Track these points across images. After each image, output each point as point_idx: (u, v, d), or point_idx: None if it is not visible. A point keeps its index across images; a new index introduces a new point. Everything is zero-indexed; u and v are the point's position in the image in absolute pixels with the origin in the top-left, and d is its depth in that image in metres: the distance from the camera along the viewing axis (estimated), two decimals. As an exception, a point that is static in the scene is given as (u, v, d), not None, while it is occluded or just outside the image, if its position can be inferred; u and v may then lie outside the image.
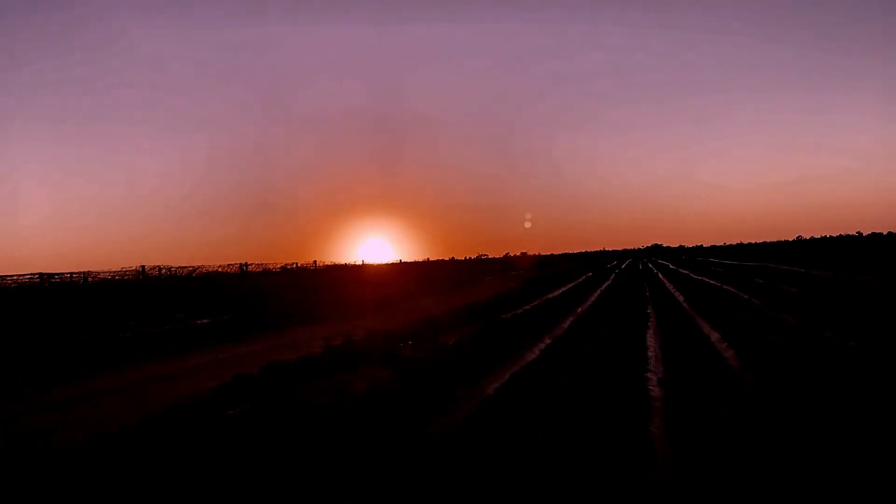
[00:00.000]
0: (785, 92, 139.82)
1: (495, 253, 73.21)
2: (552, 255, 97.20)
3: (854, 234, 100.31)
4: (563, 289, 20.47)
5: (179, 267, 18.52)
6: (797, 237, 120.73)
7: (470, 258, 66.04)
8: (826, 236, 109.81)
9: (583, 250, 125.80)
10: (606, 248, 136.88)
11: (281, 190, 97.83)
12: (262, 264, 18.85)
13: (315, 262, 22.15)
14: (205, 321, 13.06)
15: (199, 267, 16.56)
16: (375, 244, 62.21)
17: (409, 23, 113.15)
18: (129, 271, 15.19)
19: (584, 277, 28.88)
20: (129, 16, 79.50)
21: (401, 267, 26.51)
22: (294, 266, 21.12)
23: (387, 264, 25.80)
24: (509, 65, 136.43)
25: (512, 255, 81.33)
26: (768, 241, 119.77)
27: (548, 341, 8.43)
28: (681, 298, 14.62)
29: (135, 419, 4.76)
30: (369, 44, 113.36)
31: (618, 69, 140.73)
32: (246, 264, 18.06)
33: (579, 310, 12.71)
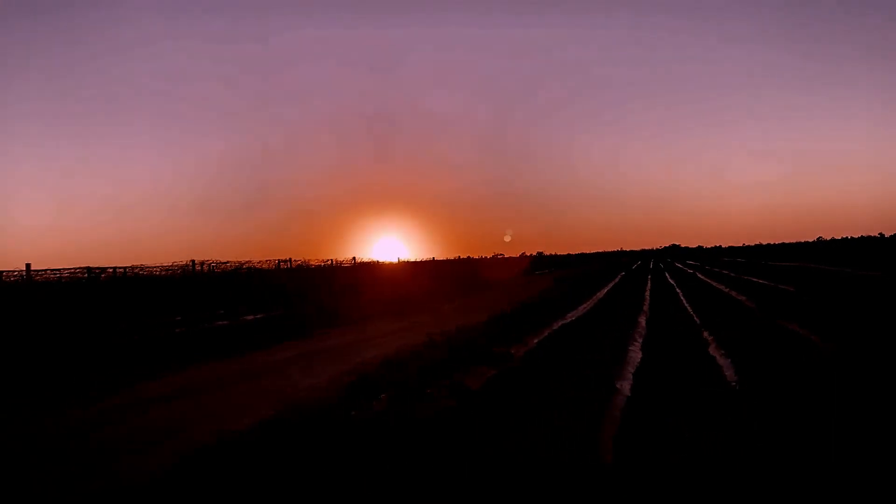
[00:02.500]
0: (800, 95, 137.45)
1: (511, 252, 72.65)
2: (569, 254, 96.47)
3: (876, 235, 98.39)
4: (606, 289, 20.02)
5: (219, 262, 18.36)
6: (818, 238, 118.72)
7: (486, 257, 65.63)
8: (847, 237, 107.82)
9: (600, 250, 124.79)
10: (624, 249, 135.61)
11: (291, 188, 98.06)
12: (304, 261, 18.65)
13: (354, 258, 21.96)
14: (259, 316, 12.84)
15: (246, 262, 16.38)
16: (389, 242, 62.10)
17: (423, 22, 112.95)
18: (178, 266, 15.03)
19: (618, 278, 28.37)
20: (137, 14, 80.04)
21: (435, 264, 26.37)
22: (331, 262, 20.92)
23: (420, 262, 25.67)
24: (526, 63, 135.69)
25: (528, 254, 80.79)
26: (787, 241, 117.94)
27: (639, 340, 8.06)
28: (741, 298, 14.11)
29: (257, 419, 4.47)
30: (381, 42, 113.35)
31: (634, 70, 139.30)
32: (289, 260, 17.86)
33: (645, 307, 12.30)
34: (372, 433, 3.95)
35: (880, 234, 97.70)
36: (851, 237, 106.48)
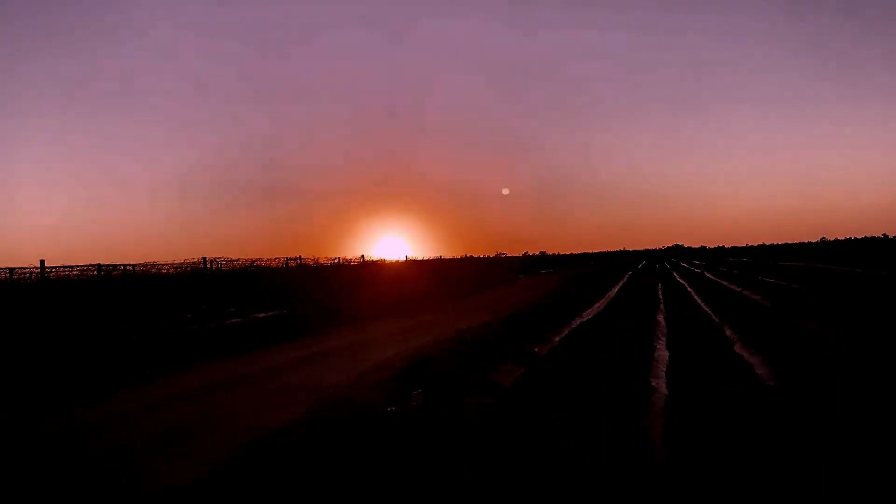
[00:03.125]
0: (804, 95, 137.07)
1: (513, 251, 72.77)
2: (572, 254, 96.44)
3: (880, 235, 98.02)
4: (617, 288, 19.90)
5: (229, 260, 18.31)
6: (821, 239, 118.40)
7: (489, 256, 65.56)
8: (851, 238, 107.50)
9: (602, 250, 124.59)
10: (627, 248, 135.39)
11: (293, 186, 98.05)
12: (313, 259, 18.58)
13: (362, 256, 21.89)
14: (271, 314, 12.76)
15: (256, 260, 16.32)
16: (396, 241, 62.57)
17: (431, 18, 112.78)
18: (188, 264, 14.98)
19: (626, 277, 28.26)
20: (143, 5, 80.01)
21: (441, 263, 26.30)
22: (339, 261, 20.84)
23: (427, 260, 25.63)
24: (527, 63, 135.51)
25: (531, 253, 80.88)
26: (791, 242, 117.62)
27: (663, 339, 7.98)
28: (756, 297, 14.01)
29: (290, 417, 4.39)
30: (387, 38, 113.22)
31: (635, 69, 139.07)
32: (298, 258, 17.80)
33: (661, 306, 12.21)
34: (414, 430, 3.87)
35: (884, 234, 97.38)
36: (855, 238, 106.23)
